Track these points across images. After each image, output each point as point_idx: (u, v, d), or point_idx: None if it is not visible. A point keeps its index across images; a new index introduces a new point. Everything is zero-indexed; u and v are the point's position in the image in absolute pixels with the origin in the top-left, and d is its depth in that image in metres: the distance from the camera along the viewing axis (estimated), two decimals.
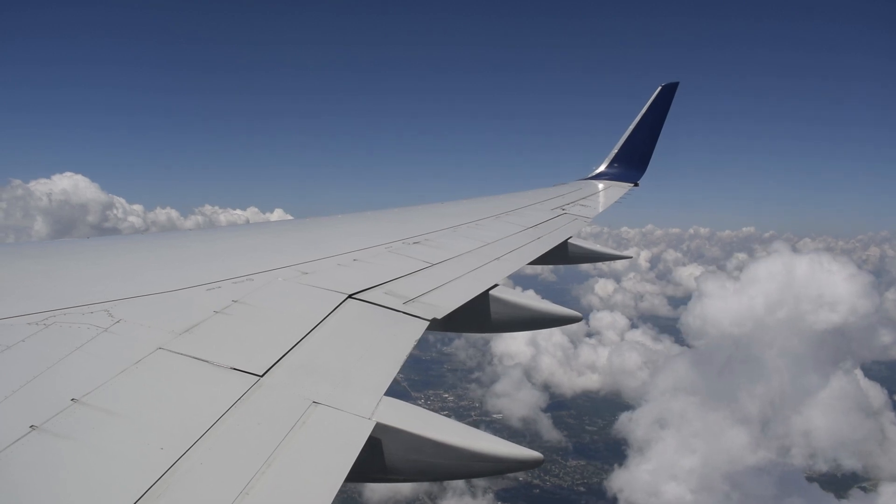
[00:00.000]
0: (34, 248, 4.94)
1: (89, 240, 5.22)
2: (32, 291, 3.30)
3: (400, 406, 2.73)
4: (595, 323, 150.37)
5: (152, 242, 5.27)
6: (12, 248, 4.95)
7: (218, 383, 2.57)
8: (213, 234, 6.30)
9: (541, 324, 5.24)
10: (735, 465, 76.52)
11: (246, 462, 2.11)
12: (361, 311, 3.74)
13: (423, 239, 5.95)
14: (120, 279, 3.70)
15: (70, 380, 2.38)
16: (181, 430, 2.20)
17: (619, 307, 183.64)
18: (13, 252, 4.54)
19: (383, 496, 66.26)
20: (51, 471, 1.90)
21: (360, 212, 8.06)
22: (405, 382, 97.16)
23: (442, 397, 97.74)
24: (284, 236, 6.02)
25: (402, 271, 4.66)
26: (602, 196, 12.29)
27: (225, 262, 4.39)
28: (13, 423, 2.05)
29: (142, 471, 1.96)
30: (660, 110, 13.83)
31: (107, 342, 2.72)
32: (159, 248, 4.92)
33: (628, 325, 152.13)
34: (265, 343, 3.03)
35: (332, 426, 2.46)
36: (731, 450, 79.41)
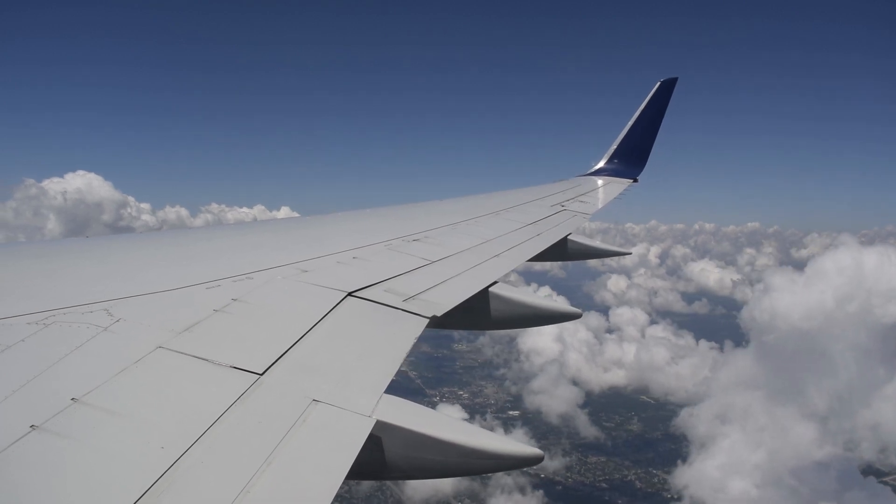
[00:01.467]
0: (34, 247, 4.94)
1: (89, 239, 5.21)
2: (32, 291, 3.30)
3: (400, 404, 2.73)
4: (615, 319, 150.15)
5: (151, 241, 5.27)
6: (12, 248, 4.95)
7: (218, 382, 2.57)
8: (212, 232, 6.30)
9: (541, 321, 5.24)
10: (801, 459, 76.06)
11: (246, 460, 2.12)
12: (361, 308, 3.74)
13: (422, 236, 5.95)
14: (119, 278, 3.70)
15: (70, 379, 2.38)
16: (181, 428, 2.20)
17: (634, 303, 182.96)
18: (13, 251, 4.54)
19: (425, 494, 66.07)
20: (51, 470, 1.90)
21: (360, 209, 8.06)
22: (419, 380, 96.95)
23: (457, 394, 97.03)
24: (284, 234, 6.02)
25: (401, 269, 4.66)
26: (601, 192, 12.28)
27: (224, 260, 4.39)
28: (13, 423, 2.05)
29: (142, 470, 1.96)
30: (659, 106, 13.81)
31: (107, 341, 2.72)
32: (159, 246, 4.92)
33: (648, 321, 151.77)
34: (265, 341, 3.03)
35: (333, 424, 2.46)
36: (798, 445, 78.93)
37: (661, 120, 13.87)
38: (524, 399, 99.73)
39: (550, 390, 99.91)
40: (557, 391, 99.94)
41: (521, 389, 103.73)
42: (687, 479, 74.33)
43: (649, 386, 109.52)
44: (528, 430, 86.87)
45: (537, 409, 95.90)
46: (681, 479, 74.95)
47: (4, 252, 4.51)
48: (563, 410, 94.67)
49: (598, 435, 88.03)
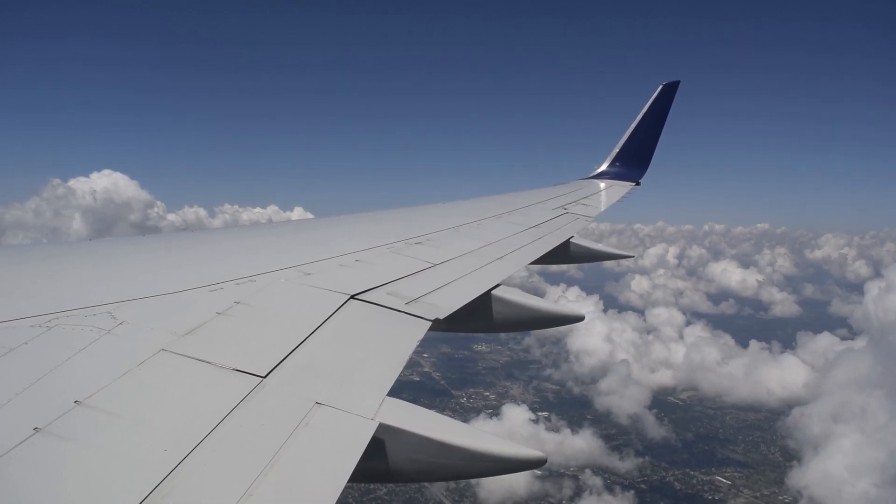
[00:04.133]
0: (37, 250, 4.95)
1: (91, 242, 5.22)
2: (35, 293, 3.30)
3: (403, 406, 2.73)
4: (652, 319, 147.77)
5: (154, 244, 5.28)
6: (15, 251, 4.96)
7: (221, 385, 2.57)
8: (214, 235, 6.31)
9: (543, 323, 5.24)
10: None
11: (250, 463, 2.11)
12: (364, 311, 3.74)
13: (425, 239, 5.95)
14: (122, 281, 3.71)
15: (73, 382, 2.38)
16: (184, 431, 2.20)
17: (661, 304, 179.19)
18: (16, 254, 4.55)
19: (500, 497, 65.53)
20: (55, 473, 1.90)
21: (362, 212, 8.06)
22: (443, 381, 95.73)
23: (483, 395, 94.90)
24: (286, 237, 6.03)
25: (404, 272, 4.66)
26: (603, 195, 12.27)
27: (227, 263, 4.39)
28: (17, 426, 2.05)
29: (145, 472, 1.96)
30: (661, 109, 13.80)
31: (109, 344, 2.72)
32: (161, 249, 4.93)
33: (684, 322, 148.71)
34: (268, 344, 3.03)
35: (336, 427, 2.46)
36: None
37: (664, 123, 13.86)
38: (594, 400, 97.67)
39: (620, 391, 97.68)
40: (628, 391, 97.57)
41: (577, 389, 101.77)
42: (806, 480, 72.35)
43: (699, 386, 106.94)
44: (595, 430, 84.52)
45: (607, 410, 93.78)
46: (799, 479, 73.29)
47: (7, 254, 4.52)
48: (632, 411, 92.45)
49: (666, 435, 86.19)
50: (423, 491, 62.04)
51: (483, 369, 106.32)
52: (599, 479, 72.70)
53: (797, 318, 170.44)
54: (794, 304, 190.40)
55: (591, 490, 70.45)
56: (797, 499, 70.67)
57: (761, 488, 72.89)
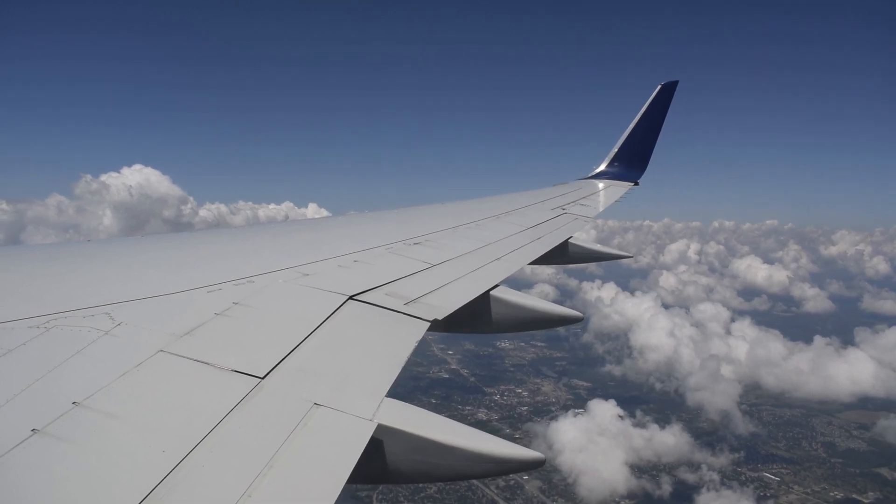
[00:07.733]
0: (35, 250, 4.95)
1: (90, 242, 5.22)
2: (33, 294, 3.30)
3: (401, 407, 2.73)
4: (698, 315, 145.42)
5: (153, 244, 5.28)
6: (13, 251, 4.96)
7: (219, 385, 2.57)
8: (213, 235, 6.30)
9: (542, 324, 5.24)
10: None
11: (248, 464, 2.11)
12: (362, 312, 3.74)
13: (423, 240, 5.95)
14: (120, 282, 3.71)
15: (71, 383, 2.38)
16: (183, 432, 2.19)
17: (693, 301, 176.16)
18: (14, 255, 4.55)
19: (601, 496, 64.95)
20: (53, 474, 1.90)
21: (361, 213, 8.06)
22: (473, 378, 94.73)
23: (515, 392, 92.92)
24: (285, 238, 6.03)
25: (402, 272, 4.66)
26: (602, 195, 12.28)
27: (225, 263, 4.39)
28: (15, 427, 2.05)
29: (144, 473, 1.95)
30: (659, 109, 13.81)
31: (108, 345, 2.72)
32: (160, 249, 4.92)
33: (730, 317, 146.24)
34: (266, 345, 3.02)
35: (334, 428, 2.46)
36: None
37: (662, 123, 13.87)
38: (686, 397, 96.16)
39: (711, 386, 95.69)
40: (719, 387, 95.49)
41: (658, 386, 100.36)
42: None
43: (760, 382, 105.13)
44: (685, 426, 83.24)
45: (698, 405, 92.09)
46: None
47: (6, 255, 4.52)
48: (722, 407, 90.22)
49: (755, 430, 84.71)
50: (474, 489, 62.09)
51: (511, 366, 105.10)
52: (695, 476, 71.85)
53: (832, 314, 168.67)
54: (825, 299, 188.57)
55: (707, 486, 69.45)
56: None
57: None
